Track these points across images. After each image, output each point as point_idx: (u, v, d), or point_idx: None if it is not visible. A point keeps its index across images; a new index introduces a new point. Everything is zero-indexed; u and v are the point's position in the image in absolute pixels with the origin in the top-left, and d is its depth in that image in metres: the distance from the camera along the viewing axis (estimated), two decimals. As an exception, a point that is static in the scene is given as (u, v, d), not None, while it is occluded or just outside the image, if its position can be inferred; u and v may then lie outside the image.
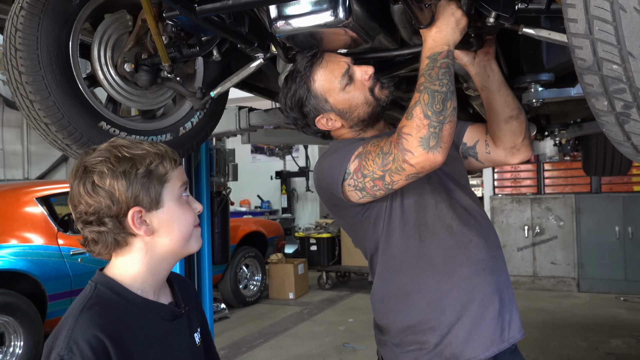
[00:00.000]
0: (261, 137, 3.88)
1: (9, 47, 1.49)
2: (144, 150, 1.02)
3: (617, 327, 5.15)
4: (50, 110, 1.53)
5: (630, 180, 6.50)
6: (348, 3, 1.23)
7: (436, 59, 1.24)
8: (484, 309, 1.36)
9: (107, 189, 0.97)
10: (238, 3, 1.21)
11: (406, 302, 1.39)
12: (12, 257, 4.01)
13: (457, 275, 1.37)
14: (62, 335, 0.91)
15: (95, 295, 0.99)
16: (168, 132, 1.81)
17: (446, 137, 1.20)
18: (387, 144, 1.25)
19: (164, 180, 1.03)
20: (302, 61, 1.42)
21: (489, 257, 1.41)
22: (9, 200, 4.38)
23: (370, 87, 1.42)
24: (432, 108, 1.18)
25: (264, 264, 6.81)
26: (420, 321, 1.37)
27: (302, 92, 1.42)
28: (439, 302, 1.36)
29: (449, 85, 1.21)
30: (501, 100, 1.51)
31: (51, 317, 4.24)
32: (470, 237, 1.40)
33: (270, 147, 10.58)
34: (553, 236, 6.84)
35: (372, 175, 1.28)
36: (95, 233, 0.99)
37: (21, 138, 8.03)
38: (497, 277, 1.41)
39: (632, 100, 0.86)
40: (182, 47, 1.61)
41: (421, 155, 1.19)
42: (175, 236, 1.05)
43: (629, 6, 0.78)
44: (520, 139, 1.54)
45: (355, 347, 4.83)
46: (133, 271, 1.03)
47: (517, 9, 1.25)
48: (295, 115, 1.47)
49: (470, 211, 1.45)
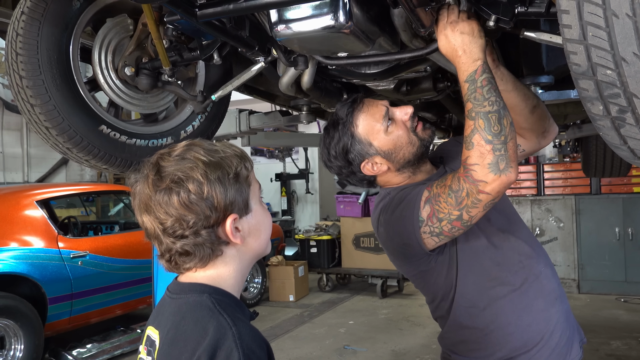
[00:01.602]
0: (261, 139, 3.88)
1: (10, 52, 1.50)
2: (225, 153, 0.96)
3: (617, 328, 5.15)
4: (50, 114, 1.54)
5: (630, 182, 6.50)
6: (348, 7, 1.24)
7: (474, 79, 1.22)
8: (560, 337, 1.40)
9: (205, 197, 0.91)
10: (239, 7, 1.21)
11: (489, 340, 1.39)
12: (13, 260, 4.01)
13: (535, 309, 1.38)
14: (228, 348, 0.85)
15: (224, 304, 0.93)
16: (169, 135, 1.82)
17: (512, 154, 1.18)
18: (456, 181, 1.23)
19: (249, 182, 0.98)
20: (342, 108, 1.42)
21: (557, 286, 1.45)
22: (10, 203, 4.38)
23: (412, 127, 1.42)
24: (490, 131, 1.17)
25: (264, 267, 6.81)
26: (502, 356, 1.38)
27: (346, 139, 1.40)
28: (521, 338, 1.37)
29: (499, 102, 1.20)
30: (521, 95, 1.50)
31: (51, 320, 4.25)
32: (540, 269, 1.42)
33: (270, 150, 10.57)
34: (553, 237, 6.84)
35: (448, 218, 1.26)
36: (191, 246, 0.92)
37: (21, 141, 8.03)
38: (565, 305, 1.45)
39: (627, 104, 0.86)
40: (182, 50, 1.61)
41: (494, 180, 1.17)
42: (263, 240, 1.01)
43: (621, 12, 0.79)
44: (547, 121, 1.55)
45: (356, 349, 4.83)
46: (231, 279, 0.98)
47: (516, 13, 1.25)
48: (340, 163, 1.44)
49: (530, 243, 1.46)
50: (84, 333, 4.82)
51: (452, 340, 1.47)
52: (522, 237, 1.45)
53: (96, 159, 1.65)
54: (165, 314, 0.97)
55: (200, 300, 0.92)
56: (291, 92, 1.89)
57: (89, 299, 4.51)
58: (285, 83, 1.79)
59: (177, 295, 0.97)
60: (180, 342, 0.89)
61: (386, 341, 5.02)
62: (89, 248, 4.58)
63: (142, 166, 0.97)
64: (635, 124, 0.89)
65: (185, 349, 0.88)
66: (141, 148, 1.73)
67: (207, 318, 0.89)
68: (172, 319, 0.94)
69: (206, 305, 0.91)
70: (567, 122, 3.24)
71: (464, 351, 1.44)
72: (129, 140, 1.71)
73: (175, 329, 0.91)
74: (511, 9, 1.25)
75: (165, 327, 0.94)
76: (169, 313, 0.96)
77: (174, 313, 0.94)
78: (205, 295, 0.93)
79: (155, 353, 0.94)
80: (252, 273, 6.65)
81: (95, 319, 4.75)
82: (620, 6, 0.79)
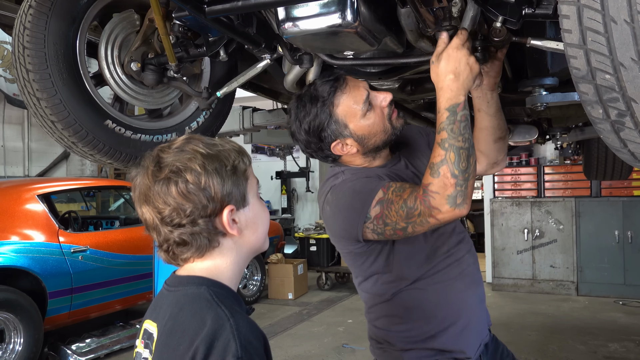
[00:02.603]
0: (263, 137, 3.88)
1: (17, 45, 1.50)
2: (224, 147, 0.98)
3: (615, 331, 5.16)
4: (56, 108, 1.54)
5: (630, 185, 6.51)
6: (356, 6, 1.24)
7: (455, 111, 1.26)
8: (478, 317, 1.52)
9: (203, 187, 0.92)
10: (247, 4, 1.21)
11: (411, 315, 1.47)
12: (13, 254, 4.01)
13: (455, 289, 1.47)
14: (226, 339, 0.85)
15: (221, 297, 0.93)
16: (174, 131, 1.82)
17: (470, 191, 1.25)
18: (412, 198, 1.28)
19: (246, 176, 1.00)
20: (324, 85, 1.41)
21: (476, 271, 1.54)
22: (11, 197, 4.39)
23: (388, 114, 1.44)
24: (458, 167, 1.23)
25: (263, 264, 6.82)
26: (421, 332, 1.46)
27: (323, 117, 1.40)
28: (440, 314, 1.46)
29: (470, 140, 1.26)
30: (495, 122, 1.59)
31: (51, 315, 4.25)
32: (462, 255, 1.51)
33: (271, 147, 10.58)
34: (552, 239, 6.85)
35: (394, 226, 1.32)
36: (188, 235, 0.94)
37: (22, 135, 8.04)
38: (480, 289, 1.55)
39: (626, 108, 0.88)
40: (189, 47, 1.62)
41: (448, 212, 1.24)
42: (260, 233, 1.03)
43: (619, 18, 0.81)
44: (502, 155, 1.67)
45: (354, 347, 4.84)
46: (228, 271, 0.99)
47: (524, 14, 1.26)
48: (310, 139, 1.44)
49: (458, 235, 1.53)
50: (83, 328, 4.83)
51: (377, 315, 1.53)
52: (454, 230, 1.52)
53: (101, 153, 1.66)
54: (164, 307, 0.98)
55: (199, 292, 0.93)
56: (296, 90, 1.89)
57: (89, 293, 4.52)
58: (290, 81, 1.79)
59: (175, 288, 0.98)
60: (178, 332, 0.90)
61: (385, 340, 5.03)
62: (90, 243, 4.59)
63: (143, 159, 0.99)
64: (634, 128, 0.90)
65: (183, 339, 0.89)
66: (146, 143, 1.74)
67: (205, 309, 0.90)
68: (170, 311, 0.95)
69: (204, 297, 0.92)
70: (569, 124, 3.25)
71: (387, 325, 1.50)
72: (133, 135, 1.71)
73: (173, 320, 0.93)
74: (518, 10, 1.25)
75: (163, 319, 0.95)
76: (167, 305, 0.97)
77: (172, 305, 0.95)
78: (203, 288, 0.94)
79: (153, 345, 0.95)
80: (251, 270, 6.66)
81: (95, 314, 4.76)
82: (618, 12, 0.81)
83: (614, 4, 0.81)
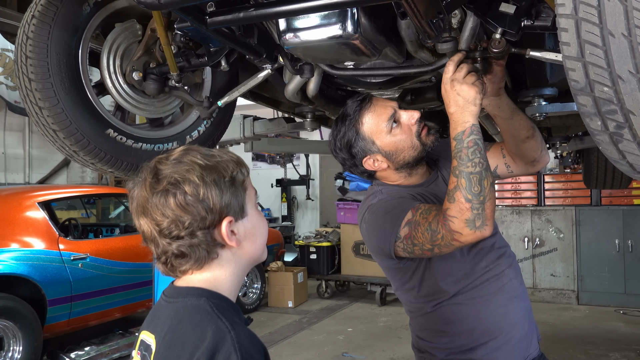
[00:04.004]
0: (264, 145, 3.89)
1: (20, 55, 1.52)
2: (222, 158, 0.98)
3: (616, 340, 5.14)
4: (58, 117, 1.55)
5: (631, 194, 6.51)
6: (356, 17, 1.25)
7: (462, 139, 1.29)
8: (520, 332, 1.49)
9: (201, 198, 0.92)
10: (249, 16, 1.22)
11: (450, 329, 1.49)
12: (13, 261, 4.01)
13: (494, 304, 1.47)
14: (227, 351, 0.85)
15: (221, 308, 0.92)
16: (175, 140, 1.83)
17: (489, 213, 1.27)
18: (435, 222, 1.31)
19: (244, 187, 0.99)
20: (352, 105, 1.49)
21: (519, 285, 1.54)
22: (11, 204, 4.39)
23: (417, 132, 1.48)
24: (471, 191, 1.26)
25: (263, 272, 6.80)
26: (460, 345, 1.47)
27: (350, 135, 1.48)
28: (479, 329, 1.46)
29: (482, 163, 1.28)
30: (516, 124, 1.57)
31: (50, 322, 4.24)
32: (502, 269, 1.51)
33: (271, 155, 10.59)
34: (553, 248, 6.84)
35: (421, 246, 1.36)
36: (187, 247, 0.93)
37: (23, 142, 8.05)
38: (525, 303, 1.54)
39: (624, 121, 0.88)
40: (190, 56, 1.63)
41: (469, 234, 1.27)
42: (258, 244, 1.02)
43: (617, 32, 0.82)
44: (538, 152, 1.62)
45: (355, 356, 4.82)
46: (227, 282, 0.98)
47: (523, 26, 1.27)
48: (344, 155, 1.52)
49: (498, 249, 1.53)
50: (82, 335, 4.81)
51: (419, 326, 1.57)
52: (493, 245, 1.53)
53: (102, 162, 1.67)
54: (162, 318, 0.96)
55: (198, 304, 0.92)
56: (296, 100, 1.91)
57: (89, 301, 4.51)
58: (291, 90, 1.81)
59: (174, 299, 0.97)
60: (178, 345, 0.89)
61: (385, 349, 5.02)
62: (90, 250, 4.58)
63: (140, 171, 0.98)
64: (632, 140, 0.91)
65: (183, 352, 0.88)
66: (147, 152, 1.75)
67: (205, 321, 0.89)
68: (169, 323, 0.93)
69: (204, 309, 0.91)
70: (569, 133, 3.26)
71: (429, 336, 1.54)
72: (135, 144, 1.72)
73: (173, 332, 0.91)
74: (517, 22, 1.26)
75: (162, 330, 0.94)
76: (165, 317, 0.96)
77: (171, 317, 0.94)
78: (203, 299, 0.93)
79: (151, 357, 0.94)
80: (251, 278, 6.65)
81: (94, 322, 4.74)
82: (616, 26, 0.82)
83: (611, 17, 0.82)
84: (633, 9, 0.80)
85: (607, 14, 0.82)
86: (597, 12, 0.84)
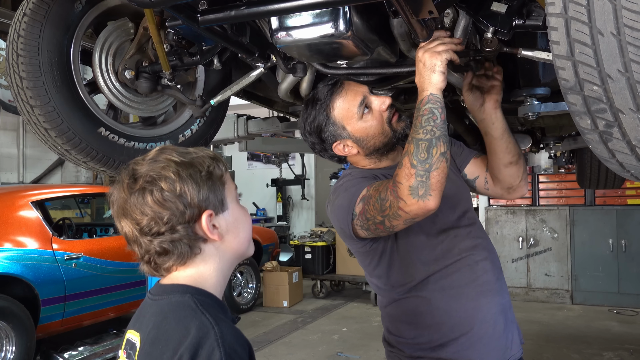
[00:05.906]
0: (258, 145, 3.88)
1: (11, 53, 1.51)
2: (197, 154, 0.99)
3: (610, 339, 5.16)
4: (50, 116, 1.54)
5: (624, 194, 6.54)
6: (348, 16, 1.25)
7: (419, 107, 1.27)
8: (493, 328, 1.44)
9: (178, 193, 0.93)
10: (240, 14, 1.22)
11: (418, 322, 1.46)
12: (6, 261, 3.99)
13: (464, 297, 1.44)
14: (210, 347, 0.85)
15: (206, 305, 0.93)
16: (168, 139, 1.82)
17: (435, 184, 1.22)
18: (385, 189, 1.29)
19: (223, 182, 1.00)
20: (323, 89, 1.49)
21: (495, 279, 1.50)
22: (4, 204, 4.36)
23: (387, 118, 1.48)
24: (417, 157, 1.23)
25: (258, 272, 6.79)
26: (429, 340, 1.44)
27: (321, 119, 1.48)
28: (449, 322, 1.43)
29: (434, 131, 1.24)
30: (503, 146, 1.56)
31: (44, 322, 4.22)
32: (477, 260, 1.48)
33: (266, 155, 10.58)
34: (547, 248, 6.87)
35: (373, 220, 1.33)
36: (168, 243, 0.94)
37: (17, 141, 8.01)
38: (503, 299, 1.50)
39: (613, 119, 0.89)
40: (183, 55, 1.62)
41: (413, 204, 1.23)
42: (242, 238, 1.03)
43: (606, 31, 0.82)
44: (517, 181, 1.61)
45: (349, 356, 4.82)
46: (212, 278, 0.99)
47: (514, 25, 1.27)
48: (314, 140, 1.53)
49: (474, 239, 1.51)
50: (76, 335, 4.80)
51: (389, 318, 1.54)
52: (469, 234, 1.50)
53: (94, 161, 1.66)
54: (147, 316, 0.97)
55: (183, 301, 0.93)
56: (290, 99, 1.90)
57: (82, 301, 4.49)
58: (284, 89, 1.80)
59: (159, 297, 0.97)
60: (161, 341, 0.89)
61: (379, 348, 5.00)
62: (83, 250, 4.56)
63: (119, 174, 0.99)
64: (622, 139, 0.91)
65: (166, 347, 0.88)
66: (139, 151, 1.74)
67: (189, 318, 0.89)
68: (153, 320, 0.94)
69: (188, 305, 0.92)
70: (562, 133, 3.27)
71: (397, 330, 1.51)
72: (127, 143, 1.72)
73: (157, 329, 0.92)
74: (509, 21, 1.26)
75: (146, 328, 0.94)
76: (150, 314, 0.96)
77: (155, 314, 0.95)
78: (187, 296, 0.93)
79: (135, 355, 0.94)
80: (246, 278, 6.64)
81: (88, 322, 4.72)
82: (605, 25, 0.82)
83: (600, 16, 0.83)
84: (622, 8, 0.80)
85: (597, 12, 0.83)
86: (587, 11, 0.84)
